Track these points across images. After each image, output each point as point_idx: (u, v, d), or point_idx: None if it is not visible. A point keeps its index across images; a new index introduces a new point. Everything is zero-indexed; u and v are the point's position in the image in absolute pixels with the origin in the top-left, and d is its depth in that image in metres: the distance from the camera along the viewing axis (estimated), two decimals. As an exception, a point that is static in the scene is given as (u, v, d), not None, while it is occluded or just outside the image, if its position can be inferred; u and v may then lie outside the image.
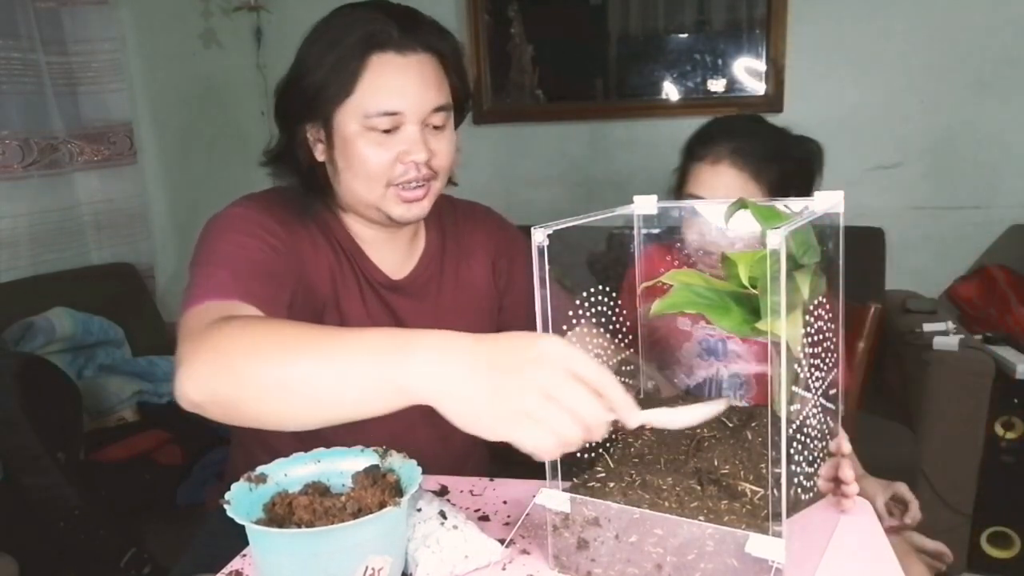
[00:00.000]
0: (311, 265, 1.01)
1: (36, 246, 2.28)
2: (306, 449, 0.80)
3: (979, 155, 2.29)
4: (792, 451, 0.64)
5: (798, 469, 0.67)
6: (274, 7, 2.65)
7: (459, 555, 0.75)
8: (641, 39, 2.53)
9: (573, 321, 0.80)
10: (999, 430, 1.91)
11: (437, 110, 0.98)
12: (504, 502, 0.93)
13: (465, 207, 1.19)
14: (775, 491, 0.64)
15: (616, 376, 0.64)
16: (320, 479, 0.77)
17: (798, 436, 0.66)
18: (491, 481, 0.99)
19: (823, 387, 0.73)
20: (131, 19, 2.60)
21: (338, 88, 0.95)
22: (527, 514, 0.83)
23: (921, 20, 2.26)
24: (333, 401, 0.67)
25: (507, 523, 0.87)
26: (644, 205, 0.87)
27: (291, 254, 0.97)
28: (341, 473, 0.78)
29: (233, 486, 0.72)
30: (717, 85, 2.48)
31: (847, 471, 0.81)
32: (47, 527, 1.56)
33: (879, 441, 1.88)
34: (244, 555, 0.82)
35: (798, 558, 0.67)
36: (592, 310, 0.83)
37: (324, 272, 1.02)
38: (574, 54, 2.58)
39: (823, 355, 0.72)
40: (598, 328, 0.84)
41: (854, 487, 0.82)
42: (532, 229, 0.70)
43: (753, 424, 0.82)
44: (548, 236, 0.70)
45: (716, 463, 0.76)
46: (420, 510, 0.79)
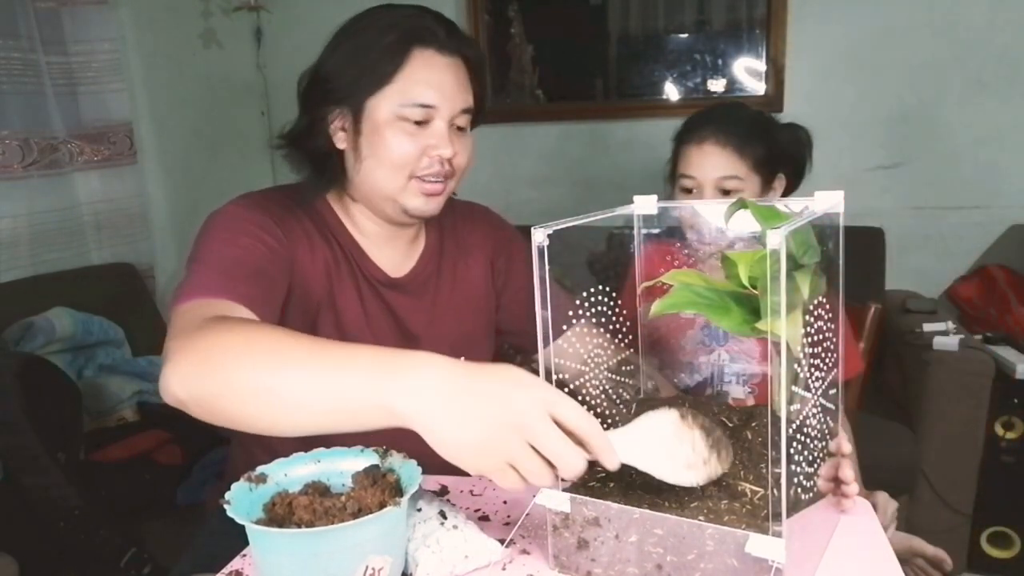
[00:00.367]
0: (307, 263, 1.01)
1: (36, 246, 2.28)
2: (306, 449, 0.80)
3: (979, 155, 2.29)
4: (792, 451, 0.64)
5: (798, 469, 0.67)
6: (274, 7, 2.65)
7: (459, 555, 0.75)
8: (641, 39, 2.53)
9: (573, 321, 0.80)
10: (999, 430, 1.91)
11: (464, 111, 1.02)
12: (504, 502, 0.93)
13: (463, 207, 1.20)
14: (775, 491, 0.64)
15: (616, 377, 0.64)
16: (320, 479, 0.77)
17: (798, 436, 0.66)
18: (491, 481, 0.99)
19: (823, 387, 0.73)
20: (131, 19, 2.60)
21: (378, 75, 0.98)
22: (527, 514, 0.83)
23: (921, 20, 2.26)
24: (317, 413, 0.68)
25: (507, 523, 0.87)
26: (644, 205, 0.87)
27: (286, 253, 0.98)
28: (341, 473, 0.78)
29: (233, 486, 0.72)
30: (717, 85, 2.48)
31: (847, 471, 0.81)
32: (47, 527, 1.56)
33: (879, 441, 1.88)
34: (244, 555, 0.82)
35: (798, 558, 0.67)
36: (592, 310, 0.83)
37: (319, 269, 1.03)
38: (574, 54, 2.58)
39: (823, 355, 0.72)
40: (597, 328, 0.84)
41: (854, 487, 0.82)
42: (532, 229, 0.70)
43: (753, 424, 0.82)
44: (548, 236, 0.70)
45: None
46: (420, 510, 0.79)
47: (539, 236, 0.70)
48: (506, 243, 1.19)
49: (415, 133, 0.99)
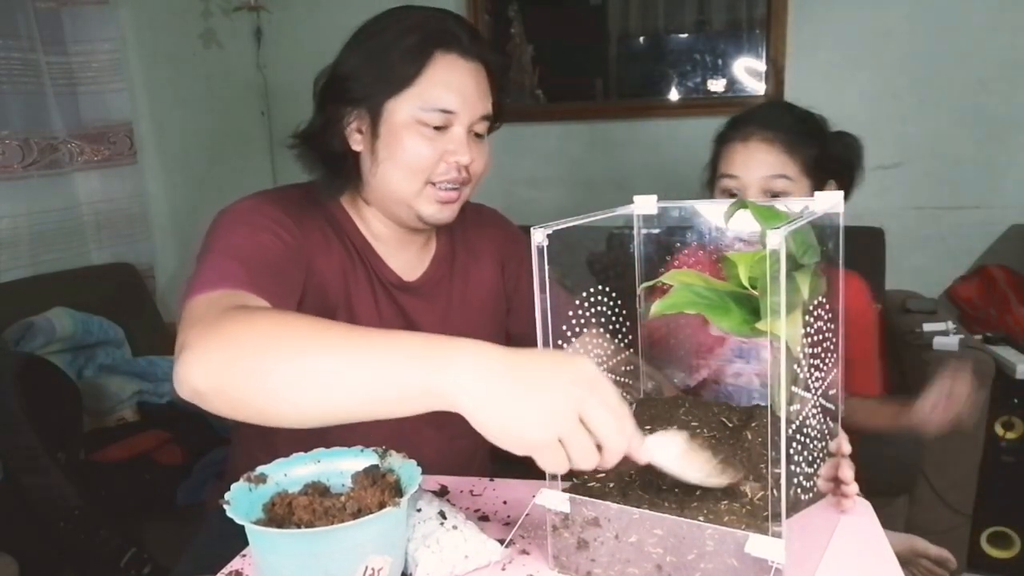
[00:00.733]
0: (323, 263, 1.00)
1: (36, 246, 2.28)
2: (306, 449, 0.80)
3: (979, 155, 2.29)
4: (792, 451, 0.64)
5: (798, 469, 0.67)
6: (274, 7, 2.65)
7: (459, 555, 0.75)
8: (641, 39, 2.53)
9: (573, 322, 0.80)
10: (999, 430, 1.91)
11: (483, 118, 1.01)
12: (504, 502, 0.93)
13: (472, 209, 1.20)
14: (775, 491, 0.64)
15: (616, 378, 0.64)
16: (320, 479, 0.77)
17: (798, 436, 0.66)
18: (491, 481, 0.99)
19: (823, 387, 0.73)
20: (131, 19, 2.61)
21: (398, 77, 0.96)
22: (527, 514, 0.83)
23: (921, 20, 2.26)
24: (357, 398, 0.64)
25: (507, 523, 0.87)
26: (644, 205, 0.87)
27: (303, 251, 0.96)
28: (341, 473, 0.78)
29: (233, 486, 0.72)
30: (717, 85, 2.47)
31: (847, 471, 0.81)
32: (47, 527, 1.56)
33: (879, 441, 1.87)
34: (244, 555, 0.82)
35: (798, 558, 0.67)
36: (592, 310, 0.83)
37: (336, 270, 1.02)
38: (574, 54, 2.58)
39: (823, 355, 0.72)
40: (599, 328, 0.84)
41: (854, 487, 0.82)
42: (532, 229, 0.70)
43: (753, 424, 0.82)
44: (548, 236, 0.70)
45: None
46: (420, 510, 0.79)
47: (539, 236, 0.70)
48: (516, 246, 1.19)
49: (433, 138, 0.98)
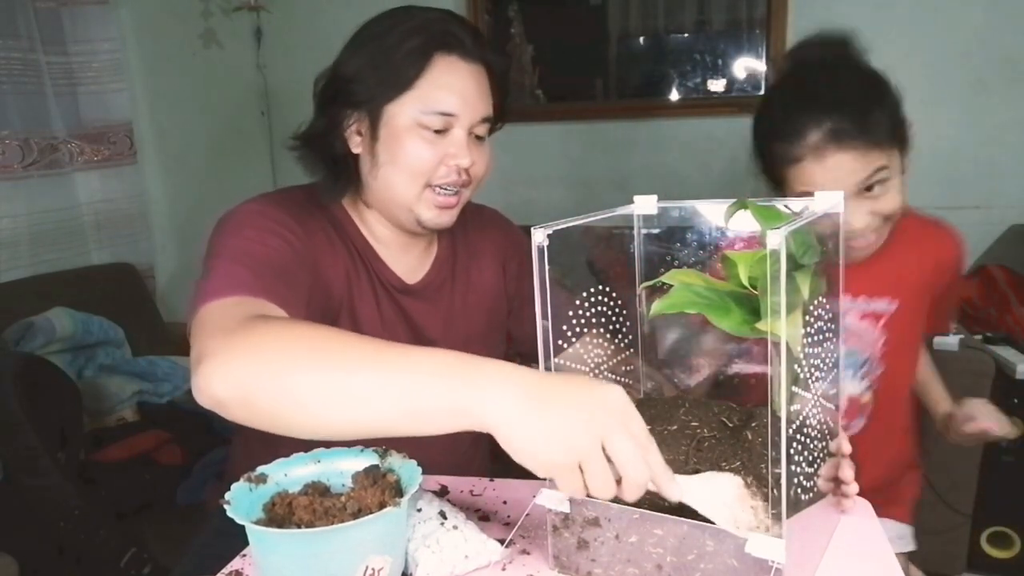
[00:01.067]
0: (327, 265, 1.00)
1: (36, 246, 2.28)
2: (306, 449, 0.80)
3: (979, 155, 2.29)
4: (792, 451, 0.64)
5: (798, 469, 0.67)
6: (274, 7, 2.65)
7: (459, 555, 0.75)
8: (641, 39, 2.53)
9: (574, 322, 0.80)
10: (999, 430, 1.91)
11: (484, 120, 1.01)
12: (504, 502, 0.93)
13: (473, 210, 1.19)
14: (775, 491, 0.64)
15: (616, 378, 0.64)
16: (320, 479, 0.77)
17: (798, 436, 0.66)
18: (491, 481, 0.99)
19: (823, 387, 0.73)
20: (131, 19, 2.61)
21: (398, 81, 0.96)
22: (527, 514, 0.83)
23: (921, 20, 2.26)
24: (385, 414, 0.65)
25: (507, 523, 0.87)
26: (644, 205, 0.87)
27: (309, 254, 0.96)
28: (341, 473, 0.78)
29: (233, 486, 0.72)
30: (717, 85, 2.48)
31: (847, 471, 0.81)
32: (47, 527, 1.56)
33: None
34: (244, 555, 0.82)
35: (798, 558, 0.67)
36: (592, 310, 0.83)
37: (340, 273, 1.02)
38: (574, 54, 2.58)
39: (823, 355, 0.72)
40: (599, 328, 0.84)
41: (854, 487, 0.82)
42: (532, 229, 0.70)
43: (753, 424, 0.82)
44: (548, 236, 0.70)
45: (716, 464, 0.76)
46: (420, 510, 0.79)
47: (539, 236, 0.70)
48: (517, 248, 1.18)
49: (434, 141, 0.98)
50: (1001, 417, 1.15)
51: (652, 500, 0.72)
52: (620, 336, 0.88)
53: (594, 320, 0.83)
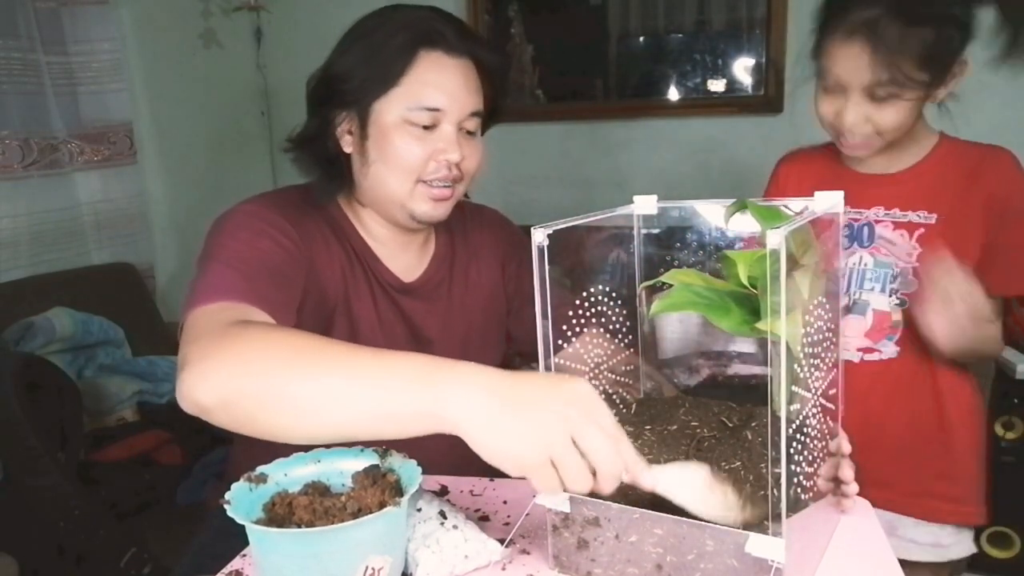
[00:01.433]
0: (323, 265, 1.00)
1: (36, 246, 2.28)
2: (306, 449, 0.80)
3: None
4: (792, 451, 0.64)
5: (798, 469, 0.67)
6: (274, 7, 2.65)
7: (459, 555, 0.75)
8: (641, 39, 2.53)
9: (574, 322, 0.80)
10: (999, 430, 1.91)
11: (473, 114, 1.01)
12: (504, 502, 0.93)
13: (473, 210, 1.19)
14: (775, 491, 0.64)
15: (617, 378, 0.64)
16: (320, 479, 0.77)
17: (798, 436, 0.66)
18: (491, 481, 0.99)
19: (823, 387, 0.73)
20: (131, 19, 2.60)
21: (384, 78, 0.96)
22: (527, 514, 0.83)
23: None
24: (360, 420, 0.66)
25: (507, 523, 0.87)
26: (644, 205, 0.87)
27: (303, 255, 0.96)
28: (341, 473, 0.78)
29: (233, 486, 0.72)
30: (717, 85, 2.48)
31: (847, 471, 0.81)
32: (47, 527, 1.56)
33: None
34: (244, 555, 0.82)
35: (798, 558, 0.67)
36: (592, 310, 0.83)
37: (336, 273, 1.02)
38: (574, 54, 2.58)
39: (823, 355, 0.72)
40: (599, 328, 0.84)
41: (854, 487, 0.82)
42: (532, 229, 0.70)
43: (753, 424, 0.82)
44: (548, 236, 0.70)
45: (716, 463, 0.76)
46: (420, 510, 0.79)
47: (539, 236, 0.70)
48: (517, 247, 1.18)
49: (422, 137, 0.98)
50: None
51: (652, 500, 0.72)
52: (620, 336, 0.88)
53: (594, 320, 0.83)
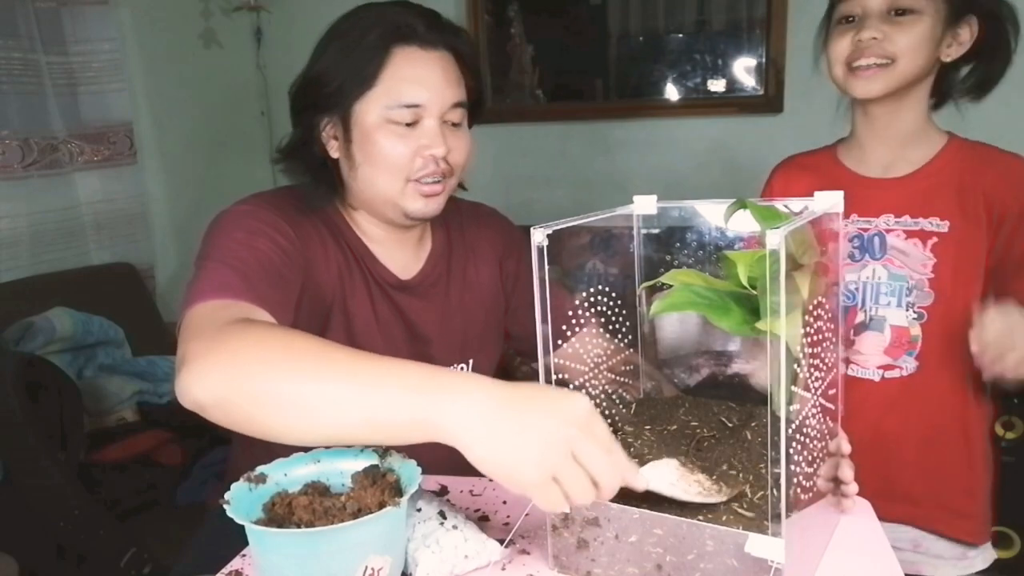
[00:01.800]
0: (320, 264, 1.00)
1: (36, 246, 2.28)
2: (306, 450, 0.80)
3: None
4: (792, 451, 0.64)
5: (798, 469, 0.67)
6: (274, 7, 2.65)
7: (459, 555, 0.75)
8: (641, 39, 2.53)
9: (574, 322, 0.80)
10: (999, 430, 1.91)
11: (456, 106, 0.99)
12: (504, 502, 0.93)
13: (470, 207, 1.19)
14: (775, 491, 0.64)
15: (617, 377, 0.64)
16: (320, 479, 0.77)
17: (798, 436, 0.66)
18: (491, 481, 0.98)
19: (823, 387, 0.73)
20: (131, 19, 2.60)
21: (360, 79, 0.96)
22: (527, 514, 0.83)
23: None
24: (354, 424, 0.66)
25: (507, 523, 0.87)
26: (644, 205, 0.87)
27: (300, 254, 0.96)
28: (341, 473, 0.78)
29: (233, 486, 0.72)
30: (717, 85, 2.48)
31: (847, 471, 0.81)
32: (47, 527, 1.56)
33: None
34: (244, 555, 0.82)
35: (798, 558, 0.67)
36: (592, 310, 0.83)
37: (333, 272, 1.02)
38: (574, 54, 2.58)
39: (823, 355, 0.72)
40: (599, 328, 0.84)
41: (854, 487, 0.82)
42: (532, 229, 0.70)
43: (753, 424, 0.82)
44: (548, 236, 0.70)
45: (716, 463, 0.76)
46: (420, 510, 0.79)
47: (539, 236, 0.70)
48: (515, 245, 1.17)
49: (406, 135, 0.97)
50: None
51: (649, 498, 0.72)
52: (620, 336, 0.88)
53: (594, 320, 0.83)
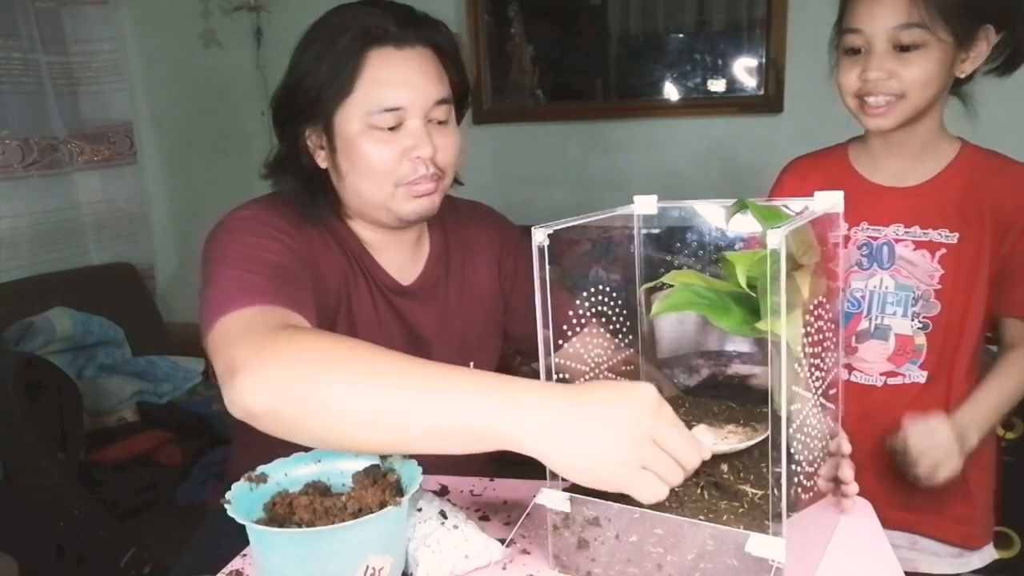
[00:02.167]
0: (325, 267, 0.99)
1: (36, 246, 2.28)
2: (307, 449, 0.80)
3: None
4: (792, 451, 0.64)
5: (798, 469, 0.67)
6: (274, 7, 2.65)
7: (459, 555, 0.75)
8: (641, 39, 2.53)
9: (574, 322, 0.80)
10: (999, 430, 1.91)
11: (439, 103, 0.97)
12: (504, 502, 0.93)
13: (467, 207, 1.18)
14: (775, 491, 0.64)
15: (617, 377, 0.64)
16: (320, 479, 0.77)
17: (798, 436, 0.66)
18: (491, 481, 0.99)
19: (823, 387, 0.73)
20: (131, 19, 2.60)
21: (337, 88, 0.93)
22: (527, 514, 0.83)
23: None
24: (417, 433, 0.66)
25: (507, 523, 0.87)
26: (644, 205, 0.87)
27: (307, 256, 0.95)
28: (341, 473, 0.78)
29: (233, 486, 0.72)
30: (717, 85, 2.48)
31: (847, 471, 0.81)
32: (47, 527, 1.56)
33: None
34: (244, 555, 0.82)
35: (798, 558, 0.67)
36: (592, 310, 0.83)
37: (337, 275, 1.01)
38: (574, 54, 2.58)
39: (823, 355, 0.72)
40: (599, 328, 0.84)
41: (854, 487, 0.82)
42: (532, 229, 0.70)
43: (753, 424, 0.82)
44: (548, 236, 0.70)
45: (716, 463, 0.76)
46: (420, 510, 0.79)
47: (539, 236, 0.70)
48: (513, 244, 1.16)
49: (389, 139, 0.95)
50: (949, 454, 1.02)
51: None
52: (620, 336, 0.88)
53: (594, 320, 0.83)
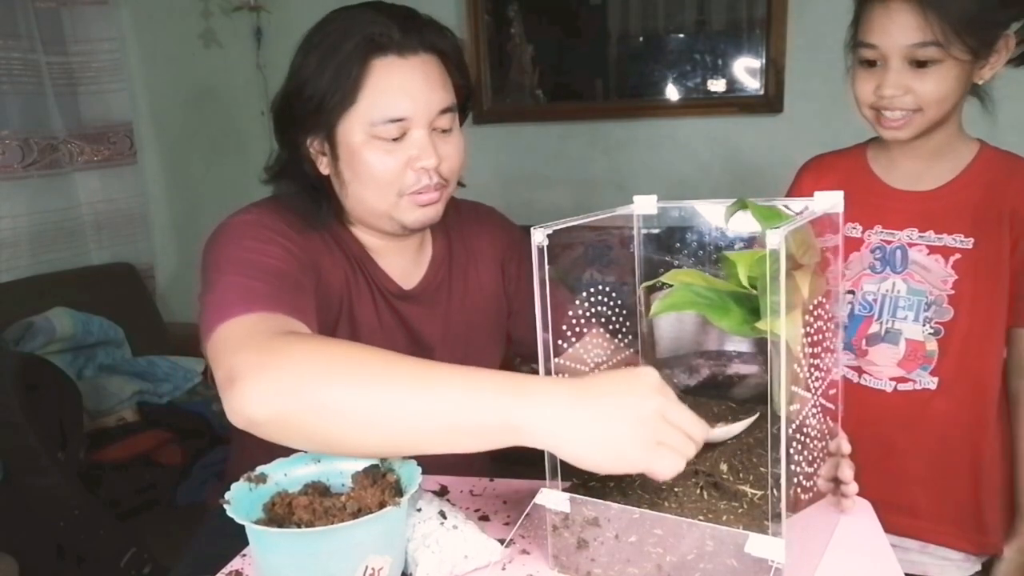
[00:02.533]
0: (326, 273, 0.98)
1: (36, 246, 2.28)
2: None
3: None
4: (792, 451, 0.64)
5: (798, 469, 0.67)
6: (274, 7, 2.65)
7: (459, 555, 0.75)
8: (641, 39, 2.53)
9: (574, 322, 0.80)
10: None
11: (443, 112, 0.95)
12: (504, 502, 0.93)
13: (469, 208, 1.17)
14: (775, 491, 0.64)
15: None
16: (320, 479, 0.77)
17: (798, 436, 0.66)
18: (491, 481, 0.99)
19: (823, 387, 0.73)
20: (131, 19, 2.61)
21: (340, 97, 0.92)
22: (527, 514, 0.83)
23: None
24: (435, 434, 0.66)
25: (507, 523, 0.87)
26: (644, 205, 0.87)
27: (309, 260, 0.94)
28: (341, 473, 0.78)
29: (233, 486, 0.72)
30: (717, 85, 2.47)
31: (847, 471, 0.81)
32: (47, 527, 1.56)
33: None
34: (244, 555, 0.82)
35: (798, 558, 0.67)
36: (592, 310, 0.83)
37: (339, 280, 1.00)
38: (574, 54, 2.58)
39: (823, 355, 0.72)
40: (599, 328, 0.84)
41: (854, 487, 0.82)
42: (532, 229, 0.70)
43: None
44: (548, 236, 0.70)
45: (716, 463, 0.76)
46: (420, 510, 0.79)
47: (539, 236, 0.70)
48: (516, 247, 1.15)
49: (393, 149, 0.93)
50: None
51: (652, 500, 0.72)
52: (620, 336, 0.88)
53: (594, 320, 0.83)
